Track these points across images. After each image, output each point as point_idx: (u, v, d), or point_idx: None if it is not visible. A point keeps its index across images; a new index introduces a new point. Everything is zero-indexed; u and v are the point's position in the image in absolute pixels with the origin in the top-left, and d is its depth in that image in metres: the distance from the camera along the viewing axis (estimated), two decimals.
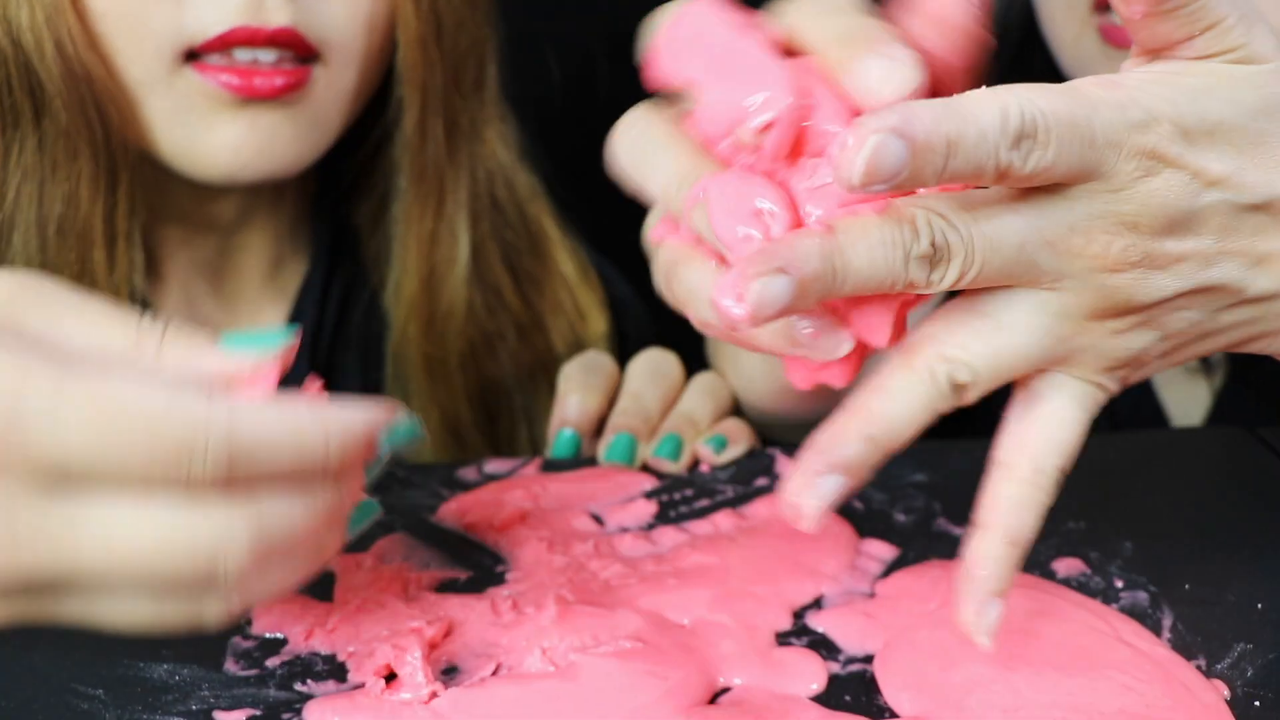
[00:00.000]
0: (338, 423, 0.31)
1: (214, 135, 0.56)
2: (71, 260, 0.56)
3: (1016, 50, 0.85)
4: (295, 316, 0.67)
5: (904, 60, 0.33)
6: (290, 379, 0.33)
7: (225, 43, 0.53)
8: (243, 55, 0.54)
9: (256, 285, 0.67)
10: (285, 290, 0.67)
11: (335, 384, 0.61)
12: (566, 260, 0.68)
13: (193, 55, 0.54)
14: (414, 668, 0.36)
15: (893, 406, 0.33)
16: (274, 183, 0.59)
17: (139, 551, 0.30)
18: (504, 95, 0.66)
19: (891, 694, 0.37)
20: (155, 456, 0.29)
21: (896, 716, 0.36)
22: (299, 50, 0.55)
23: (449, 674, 0.38)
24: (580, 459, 0.55)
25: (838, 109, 0.34)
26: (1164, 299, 0.33)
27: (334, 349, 0.67)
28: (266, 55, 0.55)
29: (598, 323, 0.68)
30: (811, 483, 0.33)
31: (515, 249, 0.67)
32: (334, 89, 0.57)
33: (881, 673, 0.38)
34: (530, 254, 0.67)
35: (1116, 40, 0.71)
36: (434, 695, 0.36)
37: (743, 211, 0.33)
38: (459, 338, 0.65)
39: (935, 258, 0.32)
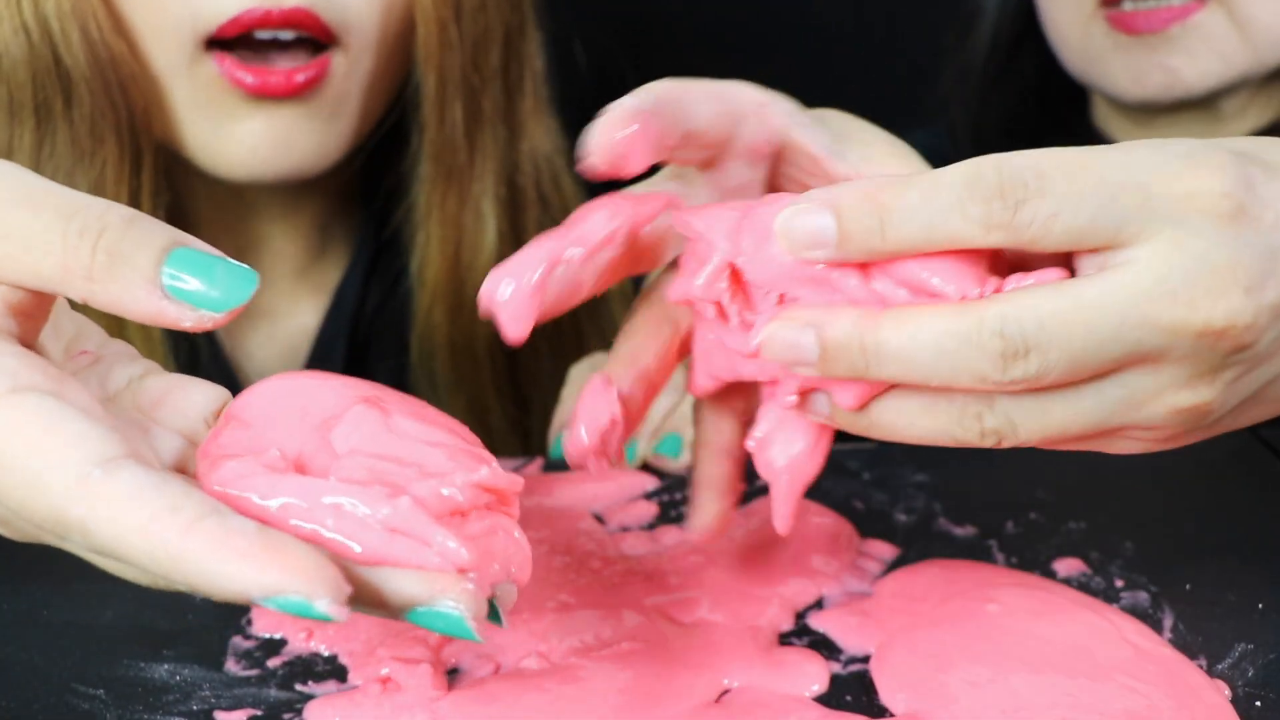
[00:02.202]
0: None
1: (232, 133, 0.56)
2: None
3: (1008, 52, 0.85)
4: (334, 309, 0.67)
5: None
6: (326, 367, 0.33)
7: (240, 25, 0.53)
8: (262, 35, 0.54)
9: (292, 277, 0.67)
10: (324, 283, 0.67)
11: (370, 373, 0.60)
12: None
13: (213, 43, 0.54)
14: (423, 679, 0.36)
15: (919, 409, 0.33)
16: (298, 180, 0.59)
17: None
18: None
19: (888, 695, 0.37)
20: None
21: (894, 717, 0.36)
22: (314, 31, 0.55)
23: (449, 674, 0.38)
24: None
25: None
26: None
27: (371, 339, 0.68)
28: (285, 35, 0.54)
29: None
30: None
31: None
32: (353, 76, 0.57)
33: (878, 673, 0.38)
34: None
35: (1126, 27, 0.72)
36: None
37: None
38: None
39: (1009, 351, 0.31)
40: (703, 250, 0.34)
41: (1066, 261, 0.32)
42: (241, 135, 0.56)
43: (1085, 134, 0.83)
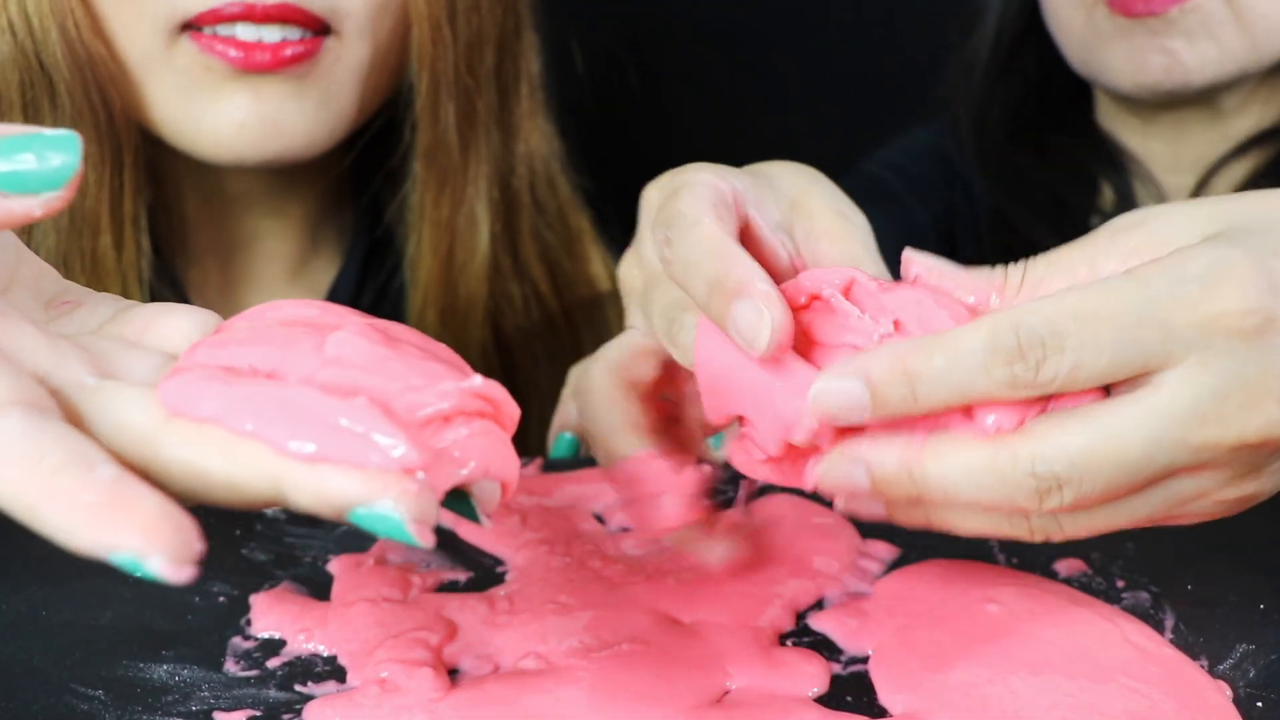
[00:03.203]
0: None
1: (217, 111, 0.55)
2: (83, 247, 0.56)
3: (1010, 50, 0.85)
4: None
5: (766, 299, 0.33)
6: None
7: (218, 16, 0.53)
8: (246, 33, 0.54)
9: (284, 276, 0.67)
10: (317, 282, 0.67)
11: None
12: (599, 262, 0.69)
13: (189, 26, 0.54)
14: (422, 680, 0.36)
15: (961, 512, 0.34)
16: (286, 164, 0.58)
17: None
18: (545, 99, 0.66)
19: (886, 695, 0.37)
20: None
21: (892, 718, 0.36)
22: (303, 23, 0.54)
23: (449, 675, 0.38)
24: (581, 460, 0.55)
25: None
26: None
27: None
28: (271, 34, 0.54)
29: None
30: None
31: (554, 248, 0.67)
32: (345, 63, 0.57)
33: (877, 674, 0.37)
34: (567, 254, 0.68)
35: (1123, 9, 0.72)
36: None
37: None
38: (481, 328, 0.65)
39: (1043, 489, 0.32)
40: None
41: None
42: (227, 114, 0.55)
43: (1088, 131, 0.83)
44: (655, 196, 0.41)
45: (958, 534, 0.35)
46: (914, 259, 0.35)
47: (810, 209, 0.39)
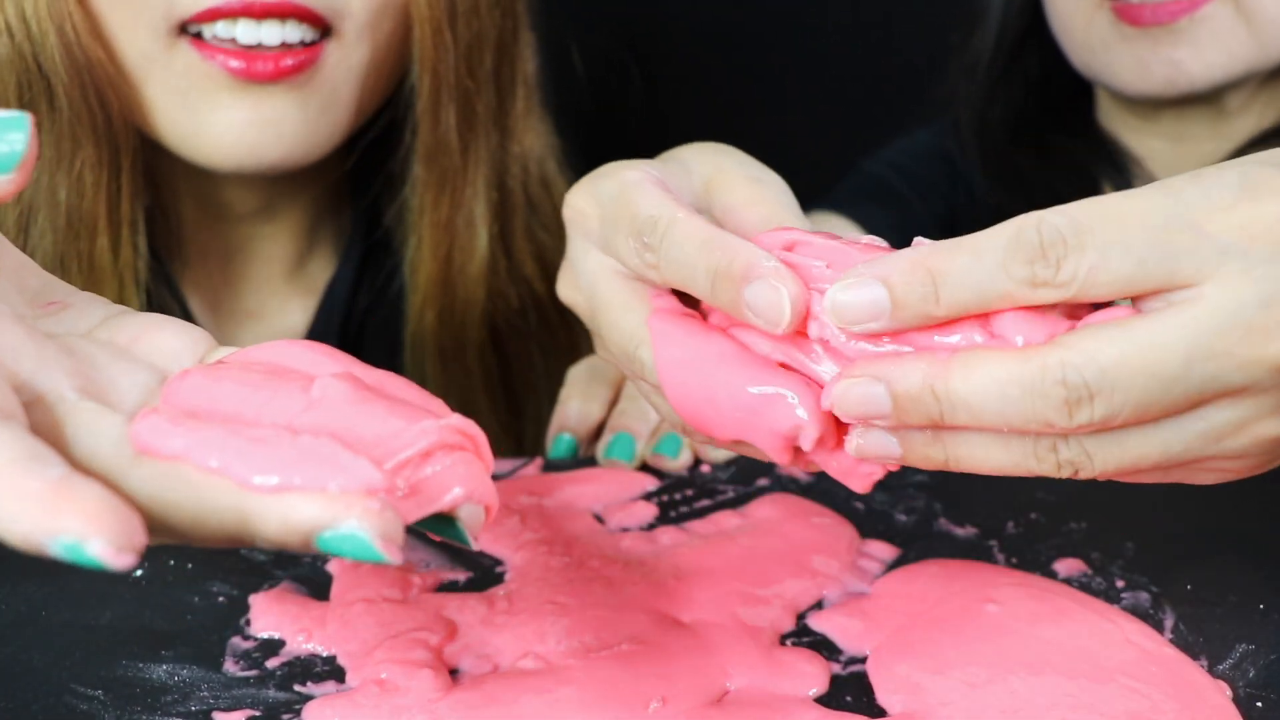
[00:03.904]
0: None
1: (216, 120, 0.55)
2: (81, 249, 0.56)
3: (1012, 50, 0.85)
4: (323, 309, 0.67)
5: (778, 275, 0.33)
6: None
7: (216, 13, 0.52)
8: (246, 35, 0.53)
9: (281, 277, 0.67)
10: (313, 284, 0.67)
11: None
12: None
13: (187, 29, 0.54)
14: (422, 681, 0.36)
15: (987, 445, 0.33)
16: (285, 171, 0.58)
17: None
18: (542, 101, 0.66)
19: (884, 695, 0.37)
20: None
21: (890, 717, 0.36)
22: (304, 19, 0.54)
23: (448, 675, 0.38)
24: (580, 460, 0.55)
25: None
26: None
27: (360, 342, 0.67)
28: (270, 34, 0.54)
29: None
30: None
31: (549, 248, 0.67)
32: (345, 65, 0.56)
33: (875, 674, 0.37)
34: (562, 254, 0.68)
35: (1131, 19, 0.71)
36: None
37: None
38: (479, 329, 0.65)
39: (1073, 399, 0.30)
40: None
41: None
42: (228, 122, 0.55)
43: (1090, 131, 0.83)
44: (586, 205, 0.39)
45: (978, 471, 0.33)
46: (923, 242, 0.35)
47: (725, 182, 0.39)
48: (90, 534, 0.23)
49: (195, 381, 0.29)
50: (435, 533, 0.30)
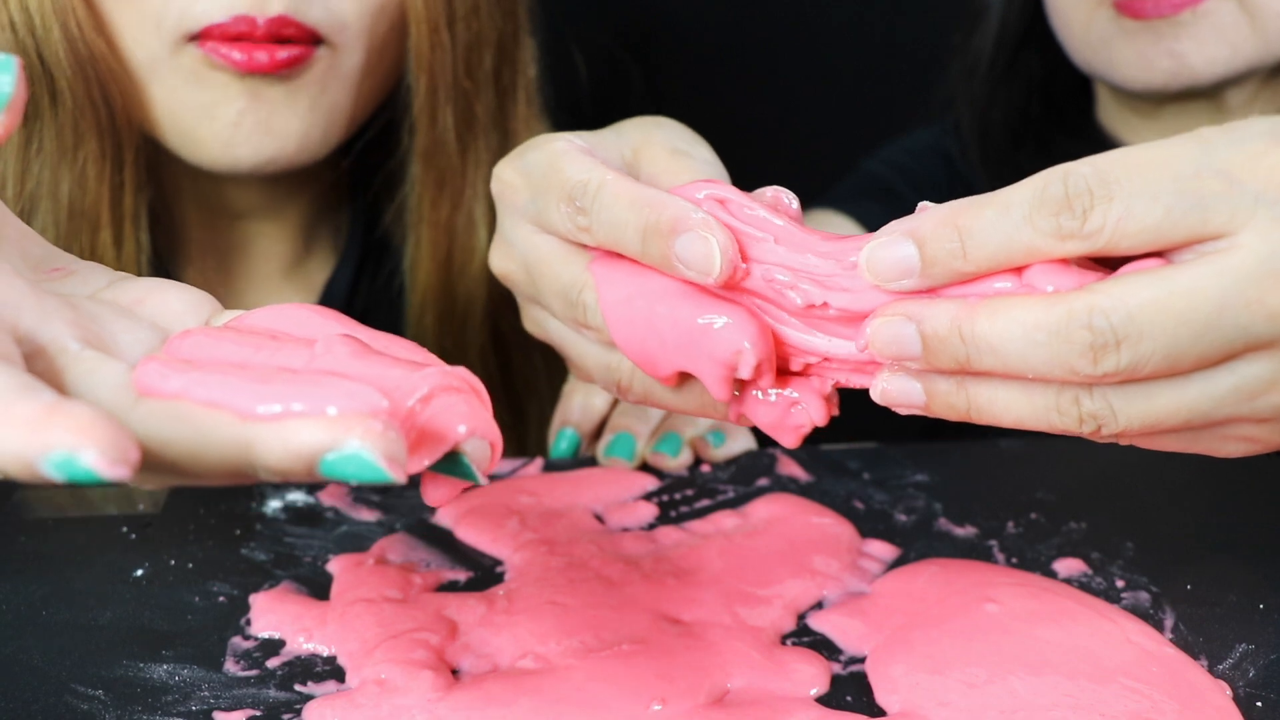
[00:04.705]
0: None
1: (215, 115, 0.55)
2: (82, 242, 0.56)
3: (1013, 49, 0.85)
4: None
5: (706, 225, 0.33)
6: None
7: (225, 33, 0.53)
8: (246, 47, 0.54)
9: (280, 275, 0.67)
10: (312, 282, 0.67)
11: None
12: None
13: (194, 38, 0.54)
14: (422, 681, 0.36)
15: (1013, 394, 0.32)
16: (281, 170, 0.58)
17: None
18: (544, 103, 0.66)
19: (883, 695, 0.37)
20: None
21: (888, 717, 0.36)
22: (299, 37, 0.54)
23: (448, 675, 0.38)
24: (581, 460, 0.55)
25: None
26: None
27: None
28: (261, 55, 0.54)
29: None
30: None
31: None
32: (338, 69, 0.57)
33: (873, 674, 0.37)
34: None
35: (1133, 12, 0.71)
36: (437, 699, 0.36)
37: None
38: (479, 331, 0.65)
39: (1099, 344, 0.30)
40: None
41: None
42: (223, 121, 0.55)
43: (1090, 131, 0.83)
44: (514, 177, 0.39)
45: (998, 423, 0.33)
46: (927, 206, 0.35)
47: (650, 153, 0.39)
48: (82, 445, 0.23)
49: (197, 339, 0.30)
50: (444, 473, 0.30)
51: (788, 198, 0.36)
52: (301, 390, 0.27)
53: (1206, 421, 0.31)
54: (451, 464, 0.30)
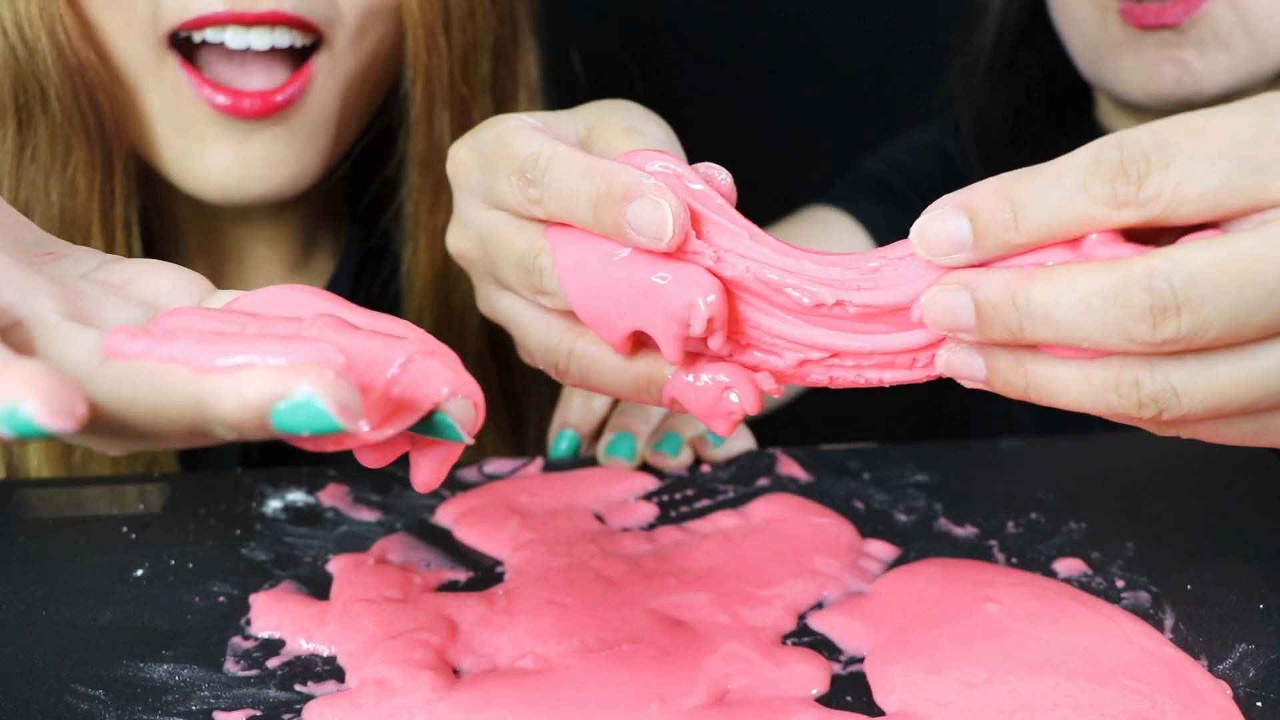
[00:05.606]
0: None
1: (201, 155, 0.55)
2: None
3: (1013, 49, 0.85)
4: None
5: (658, 191, 0.33)
6: None
7: (205, 22, 0.52)
8: (235, 40, 0.53)
9: (279, 279, 0.67)
10: (312, 286, 0.67)
11: None
12: None
13: (176, 39, 0.54)
14: (421, 681, 0.36)
15: (1072, 381, 0.31)
16: (274, 202, 0.58)
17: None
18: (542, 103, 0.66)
19: (882, 695, 0.37)
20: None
21: (887, 717, 0.36)
22: (293, 26, 0.54)
23: (448, 675, 0.38)
24: (581, 460, 0.55)
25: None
26: None
27: None
28: (260, 39, 0.54)
29: None
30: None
31: None
32: (334, 79, 0.56)
33: (872, 673, 0.37)
34: None
35: (1139, 21, 0.72)
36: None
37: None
38: (477, 338, 0.65)
39: (1158, 308, 0.28)
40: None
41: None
42: (213, 158, 0.55)
43: (1090, 130, 0.83)
44: (467, 157, 0.40)
45: (1056, 404, 0.32)
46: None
47: (603, 132, 0.39)
48: (25, 396, 0.23)
49: (185, 316, 0.30)
50: (430, 436, 0.30)
51: (719, 173, 0.36)
52: (260, 345, 0.27)
53: (1274, 401, 0.30)
54: (437, 426, 0.30)
